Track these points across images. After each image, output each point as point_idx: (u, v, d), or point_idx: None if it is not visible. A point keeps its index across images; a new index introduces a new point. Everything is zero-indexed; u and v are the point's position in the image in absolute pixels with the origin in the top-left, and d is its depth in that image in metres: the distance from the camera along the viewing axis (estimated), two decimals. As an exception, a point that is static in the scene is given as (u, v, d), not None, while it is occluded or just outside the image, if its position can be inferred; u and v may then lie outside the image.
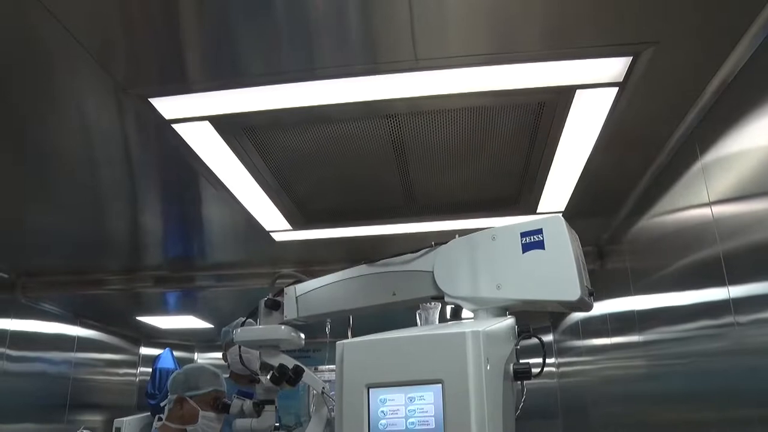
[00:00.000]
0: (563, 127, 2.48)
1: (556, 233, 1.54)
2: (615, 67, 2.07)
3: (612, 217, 3.66)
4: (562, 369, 6.51)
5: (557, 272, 1.51)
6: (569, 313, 5.83)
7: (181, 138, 2.53)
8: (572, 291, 1.48)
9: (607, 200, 3.38)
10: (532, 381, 1.48)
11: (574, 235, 1.57)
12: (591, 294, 1.57)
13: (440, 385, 1.23)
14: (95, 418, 6.79)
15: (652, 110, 2.39)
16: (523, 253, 1.57)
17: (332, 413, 2.36)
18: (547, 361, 1.55)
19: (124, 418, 5.94)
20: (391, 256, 1.83)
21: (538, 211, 3.43)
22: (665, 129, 2.56)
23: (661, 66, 2.06)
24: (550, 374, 6.65)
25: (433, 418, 1.22)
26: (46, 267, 4.99)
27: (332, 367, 4.60)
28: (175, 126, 2.43)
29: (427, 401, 1.23)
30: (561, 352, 6.39)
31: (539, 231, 1.56)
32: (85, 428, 5.45)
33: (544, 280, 1.53)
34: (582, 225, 1.62)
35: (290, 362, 2.12)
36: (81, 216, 3.66)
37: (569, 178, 3.00)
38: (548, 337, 6.62)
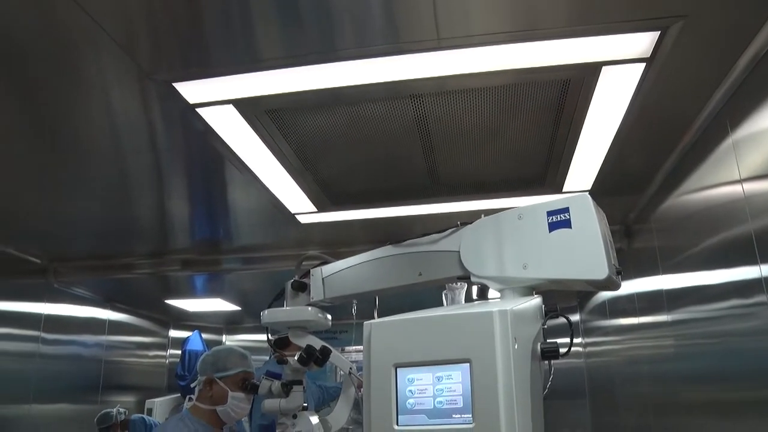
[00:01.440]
0: (589, 105, 2.45)
1: (583, 212, 1.53)
2: (642, 42, 2.03)
3: (639, 195, 3.61)
4: (588, 349, 6.48)
5: (584, 251, 1.49)
6: (596, 293, 5.79)
7: (206, 122, 2.54)
8: (600, 270, 1.47)
9: (634, 178, 3.34)
10: (559, 361, 1.48)
11: (601, 214, 1.56)
12: (619, 273, 1.56)
13: (468, 364, 1.23)
14: (127, 399, 6.94)
15: (681, 86, 2.34)
16: (550, 232, 1.56)
17: (360, 393, 2.38)
18: (574, 341, 1.54)
19: (156, 399, 6.07)
20: (417, 237, 1.83)
21: (564, 190, 3.40)
22: (694, 105, 2.51)
23: (689, 40, 2.01)
24: (577, 354, 6.62)
25: (461, 397, 1.23)
26: (76, 252, 5.08)
27: (359, 347, 4.63)
28: (199, 110, 2.45)
29: (454, 380, 1.24)
30: (588, 332, 6.35)
31: (566, 210, 1.55)
32: (120, 407, 5.56)
33: (571, 259, 1.51)
34: (608, 203, 1.60)
35: (317, 343, 2.14)
36: (110, 202, 3.72)
37: (595, 156, 2.96)
38: (575, 317, 6.58)
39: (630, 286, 4.17)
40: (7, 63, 2.15)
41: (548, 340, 1.48)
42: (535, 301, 1.53)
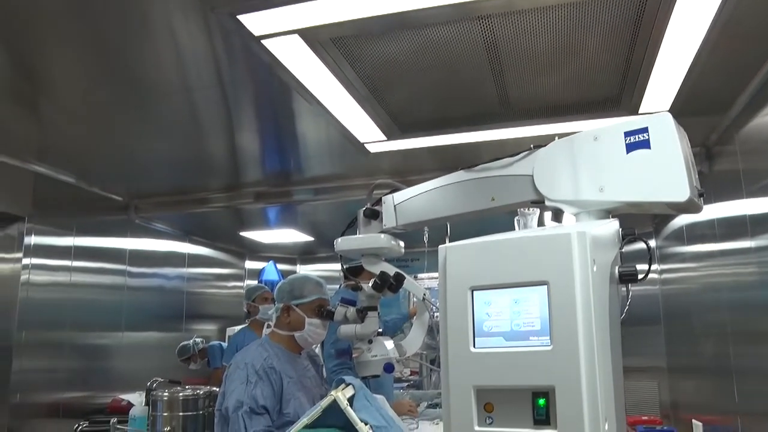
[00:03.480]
0: (669, 20, 2.31)
1: (664, 131, 1.46)
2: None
3: (721, 116, 3.43)
4: (664, 276, 6.35)
5: (664, 172, 1.43)
6: (673, 218, 5.63)
7: (272, 53, 2.54)
8: (681, 191, 1.41)
9: (717, 98, 3.16)
10: (634, 287, 1.44)
11: (682, 133, 1.48)
12: (701, 195, 1.49)
13: (545, 286, 1.21)
14: (209, 328, 7.29)
15: (770, -3, 2.18)
16: (628, 153, 1.50)
17: (433, 319, 2.42)
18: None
19: (235, 327, 6.33)
20: (490, 161, 1.80)
21: (640, 111, 3.26)
22: (785, 16, 2.34)
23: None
24: (653, 281, 6.50)
25: (538, 320, 1.22)
26: (155, 189, 5.28)
27: (432, 275, 4.69)
28: (264, 42, 2.44)
29: (532, 303, 1.23)
30: (664, 258, 6.21)
31: (645, 129, 1.48)
32: (197, 336, 5.84)
33: (650, 180, 1.45)
34: (687, 124, 1.52)
35: (391, 270, 2.16)
36: (183, 139, 3.82)
37: (675, 75, 2.81)
38: (651, 243, 6.44)
39: (710, 211, 4.02)
40: (75, 10, 2.19)
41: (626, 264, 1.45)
42: (613, 224, 1.49)
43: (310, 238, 7.25)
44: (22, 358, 4.52)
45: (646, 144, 1.48)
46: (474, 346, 1.27)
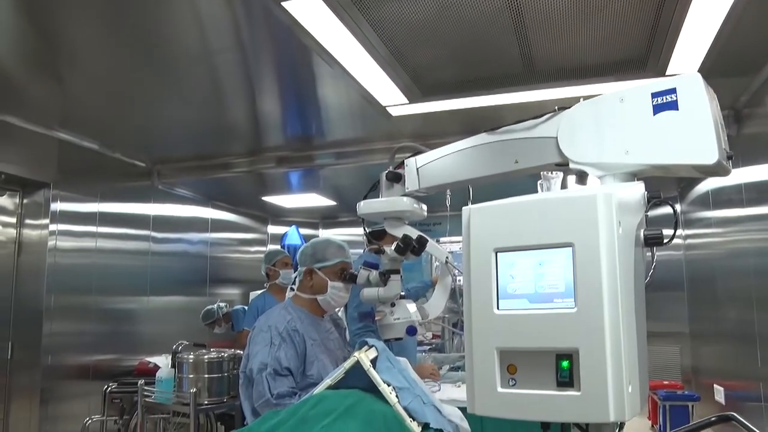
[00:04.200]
0: (701, -25, 2.25)
1: (693, 92, 1.42)
2: None
3: (752, 77, 3.34)
4: (688, 241, 6.28)
5: (692, 134, 1.40)
6: (699, 183, 5.55)
7: (292, 16, 2.51)
8: (709, 154, 1.38)
9: (748, 58, 3.08)
10: (658, 253, 1.43)
11: (711, 94, 1.44)
12: (729, 158, 1.46)
13: (570, 248, 1.20)
14: (233, 292, 7.38)
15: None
16: (654, 114, 1.46)
17: (456, 283, 2.42)
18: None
19: (258, 292, 6.39)
20: (513, 123, 1.77)
21: (667, 73, 3.18)
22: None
23: None
24: (677, 246, 6.44)
25: (562, 282, 1.21)
26: (177, 154, 5.31)
27: (453, 239, 4.67)
28: (284, 4, 2.41)
29: (556, 265, 1.22)
30: (689, 223, 6.14)
31: (672, 90, 1.44)
32: (221, 301, 5.91)
33: (677, 142, 1.42)
34: (716, 86, 1.48)
35: (414, 233, 2.15)
36: (204, 104, 3.82)
37: (705, 34, 2.73)
38: (676, 207, 6.37)
39: (738, 176, 3.95)
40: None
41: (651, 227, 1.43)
42: (638, 187, 1.47)
43: (333, 203, 7.27)
44: (52, 321, 4.64)
45: (673, 105, 1.44)
46: (498, 309, 1.27)
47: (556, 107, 1.69)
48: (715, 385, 5.24)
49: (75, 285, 4.90)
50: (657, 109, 1.46)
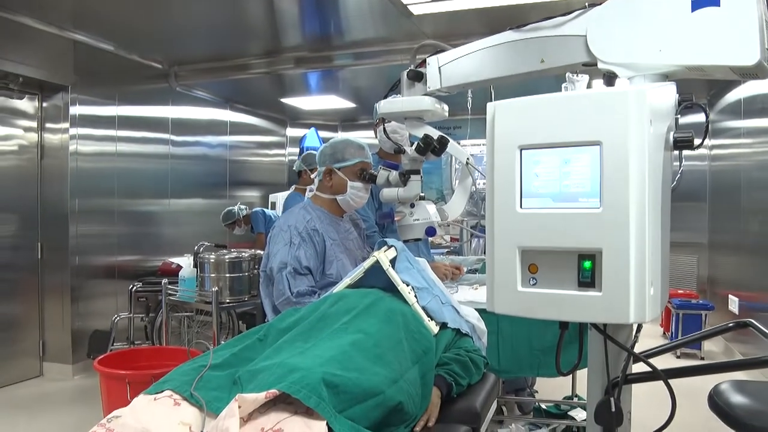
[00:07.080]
0: None
1: (738, -13, 1.33)
2: None
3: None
4: (714, 152, 6.17)
5: (733, 32, 1.31)
6: (730, 90, 5.38)
7: None
8: (750, 54, 1.29)
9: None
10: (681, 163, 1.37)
11: (758, -10, 1.35)
12: (771, 59, 1.38)
13: (598, 146, 1.16)
14: (253, 194, 7.45)
15: None
16: (693, 11, 1.37)
17: (476, 185, 2.39)
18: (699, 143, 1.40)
19: (278, 194, 6.44)
20: (540, 20, 1.69)
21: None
22: None
23: None
24: (701, 156, 6.33)
25: (588, 181, 1.18)
26: (195, 55, 5.23)
27: (474, 141, 4.63)
28: None
29: (582, 163, 1.18)
30: (716, 132, 6.01)
31: (715, -16, 1.35)
32: (241, 203, 5.97)
33: (715, 41, 1.33)
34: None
35: (435, 133, 2.11)
36: (220, 1, 3.70)
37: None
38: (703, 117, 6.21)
39: (773, 82, 3.81)
40: None
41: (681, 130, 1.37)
42: (670, 88, 1.40)
43: (352, 105, 7.19)
44: (77, 224, 4.75)
45: (714, 1, 1.35)
46: (521, 207, 1.24)
47: (587, 3, 1.60)
48: (730, 296, 5.27)
49: (97, 188, 4.98)
50: (696, 4, 1.36)
